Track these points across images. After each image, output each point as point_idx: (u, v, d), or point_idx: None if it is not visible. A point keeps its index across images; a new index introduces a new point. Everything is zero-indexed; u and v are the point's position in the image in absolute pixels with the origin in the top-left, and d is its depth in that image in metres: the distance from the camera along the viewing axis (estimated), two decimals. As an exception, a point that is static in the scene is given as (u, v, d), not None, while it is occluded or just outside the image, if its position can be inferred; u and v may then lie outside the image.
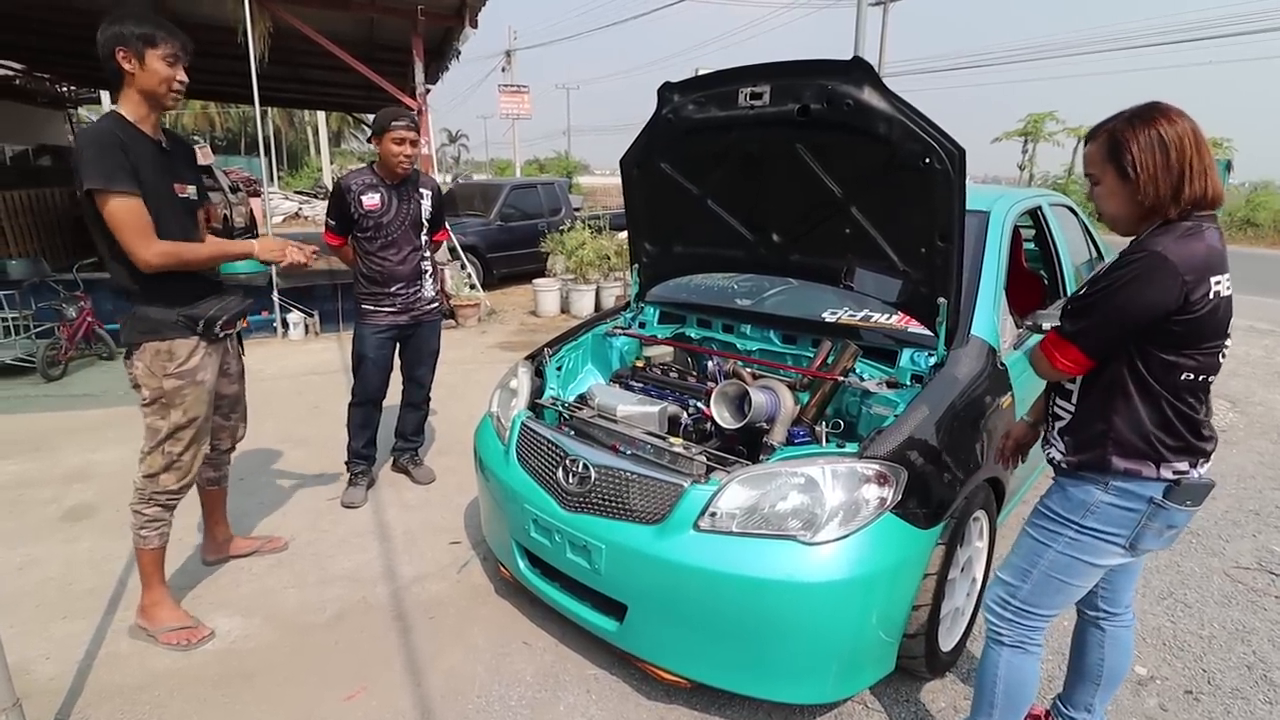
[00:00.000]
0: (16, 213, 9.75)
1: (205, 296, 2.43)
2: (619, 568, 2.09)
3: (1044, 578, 1.65)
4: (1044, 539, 1.65)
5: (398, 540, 3.18)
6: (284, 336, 7.26)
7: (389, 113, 3.30)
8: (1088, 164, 1.57)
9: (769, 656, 1.94)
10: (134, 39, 2.13)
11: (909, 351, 2.44)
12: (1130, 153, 1.44)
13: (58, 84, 14.44)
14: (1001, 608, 1.72)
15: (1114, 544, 1.57)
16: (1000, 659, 1.73)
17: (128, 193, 2.13)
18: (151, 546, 2.45)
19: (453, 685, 2.27)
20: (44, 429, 4.58)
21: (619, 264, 8.76)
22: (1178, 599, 2.76)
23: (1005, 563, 1.75)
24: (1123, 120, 1.48)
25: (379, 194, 3.33)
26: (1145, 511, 1.53)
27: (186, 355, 2.34)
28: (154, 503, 2.40)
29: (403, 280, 3.43)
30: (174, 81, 2.23)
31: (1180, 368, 1.46)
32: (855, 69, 2.09)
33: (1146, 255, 1.40)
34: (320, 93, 12.86)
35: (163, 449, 2.37)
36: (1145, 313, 1.42)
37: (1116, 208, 1.52)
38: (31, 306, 6.02)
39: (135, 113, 2.23)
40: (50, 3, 6.92)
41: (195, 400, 2.39)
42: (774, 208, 2.59)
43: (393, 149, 3.26)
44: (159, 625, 2.47)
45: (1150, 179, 1.43)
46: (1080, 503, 1.58)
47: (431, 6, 6.92)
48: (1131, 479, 1.52)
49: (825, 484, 1.94)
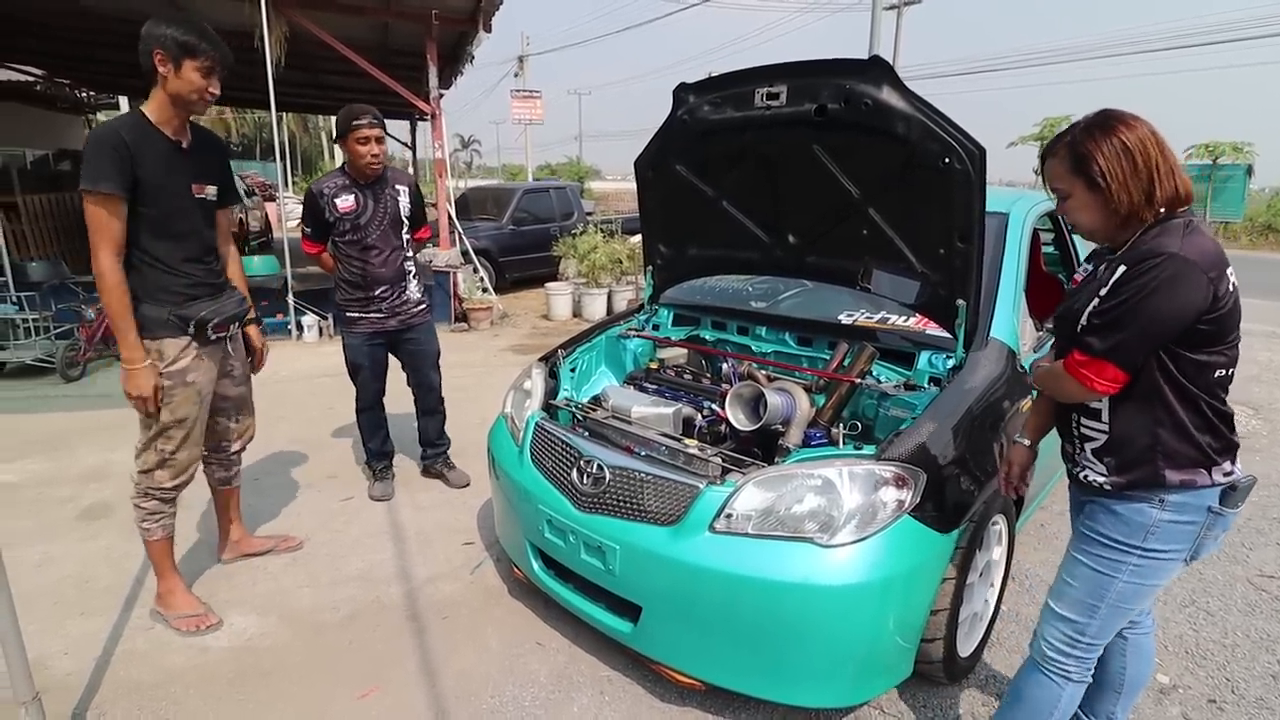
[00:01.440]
0: (37, 216, 9.89)
1: (201, 298, 2.41)
2: (633, 569, 2.07)
3: (1112, 610, 1.58)
4: (1107, 570, 1.56)
5: (411, 541, 3.18)
6: (298, 339, 7.31)
7: (349, 111, 3.15)
8: (1052, 179, 1.53)
9: (784, 660, 1.92)
10: (174, 45, 2.15)
11: (927, 354, 2.42)
12: (1097, 163, 1.42)
13: (77, 89, 14.65)
14: (1070, 647, 1.63)
15: (1176, 560, 1.53)
16: (1064, 694, 1.66)
17: (107, 195, 2.14)
18: (155, 538, 2.49)
19: (466, 685, 2.26)
20: (62, 429, 4.62)
21: (631, 268, 8.77)
22: (1200, 607, 2.72)
23: (1062, 597, 1.64)
24: (1080, 131, 1.46)
25: (353, 195, 3.23)
26: (1204, 522, 1.49)
27: (176, 355, 2.34)
28: (151, 496, 2.44)
29: (386, 283, 3.34)
30: (205, 92, 2.25)
31: (1212, 366, 1.44)
32: (874, 68, 2.08)
33: (1167, 258, 1.35)
34: (335, 98, 12.92)
35: (155, 446, 2.39)
36: (1180, 318, 1.38)
37: (1091, 219, 1.50)
38: (51, 308, 6.10)
39: (159, 114, 2.25)
40: (71, 9, 7.01)
41: (184, 400, 2.39)
42: (790, 209, 2.58)
43: (359, 149, 3.13)
44: (172, 611, 2.54)
45: (1121, 186, 1.41)
46: (1139, 526, 1.51)
47: (446, 11, 6.96)
48: (1187, 490, 1.47)
49: (842, 486, 1.92)
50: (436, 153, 7.98)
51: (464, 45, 8.19)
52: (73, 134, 16.58)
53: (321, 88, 11.27)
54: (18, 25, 7.95)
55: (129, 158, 2.15)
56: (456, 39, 7.98)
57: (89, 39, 8.27)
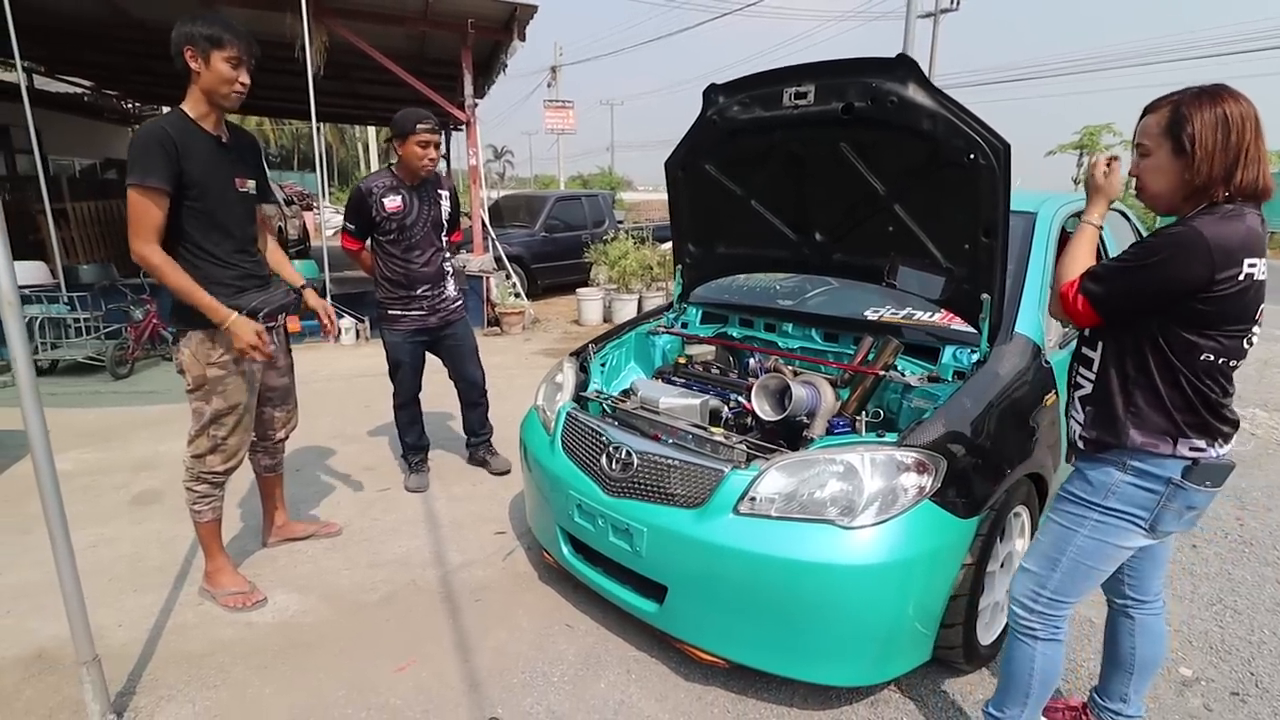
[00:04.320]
0: (86, 223, 10.28)
1: (250, 289, 2.52)
2: (660, 550, 2.15)
3: (1073, 564, 1.65)
4: (1070, 524, 1.66)
5: (445, 529, 3.29)
6: (336, 341, 7.50)
7: (413, 114, 3.24)
8: (1141, 135, 1.56)
9: (805, 638, 1.98)
10: (201, 39, 2.24)
11: (951, 348, 2.46)
12: (1192, 126, 1.44)
13: (124, 100, 15.18)
14: (1032, 601, 1.71)
15: (1136, 525, 1.58)
16: (1035, 653, 1.72)
17: (151, 189, 2.22)
18: (205, 520, 2.61)
19: (498, 661, 2.35)
20: (113, 422, 4.83)
21: (661, 274, 8.87)
22: (1226, 605, 2.70)
23: (1031, 552, 1.75)
24: (1189, 95, 1.47)
25: (400, 196, 3.33)
26: (1164, 493, 1.54)
27: (229, 345, 2.42)
28: (203, 480, 2.56)
29: (428, 282, 3.46)
30: (236, 83, 2.33)
31: (1201, 348, 1.47)
32: (900, 66, 2.13)
33: (1182, 231, 1.42)
34: (371, 108, 13.27)
35: (208, 433, 2.51)
36: (1169, 288, 1.44)
37: (1163, 184, 1.52)
38: (101, 309, 6.36)
39: (197, 110, 2.35)
40: (118, 21, 7.32)
41: (236, 389, 2.50)
42: (817, 207, 2.64)
43: (418, 151, 3.24)
44: (220, 589, 2.67)
45: (1206, 156, 1.43)
46: (1102, 485, 1.60)
47: (481, 20, 7.14)
48: (1148, 457, 1.54)
49: (864, 471, 1.98)
50: (471, 160, 8.16)
51: (498, 54, 8.38)
52: (119, 144, 17.15)
53: (358, 97, 11.56)
54: (76, 38, 8.33)
55: (175, 154, 2.25)
56: (491, 48, 8.17)
57: (141, 50, 8.61)
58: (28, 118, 6.70)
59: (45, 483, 1.84)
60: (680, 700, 2.18)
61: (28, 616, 2.58)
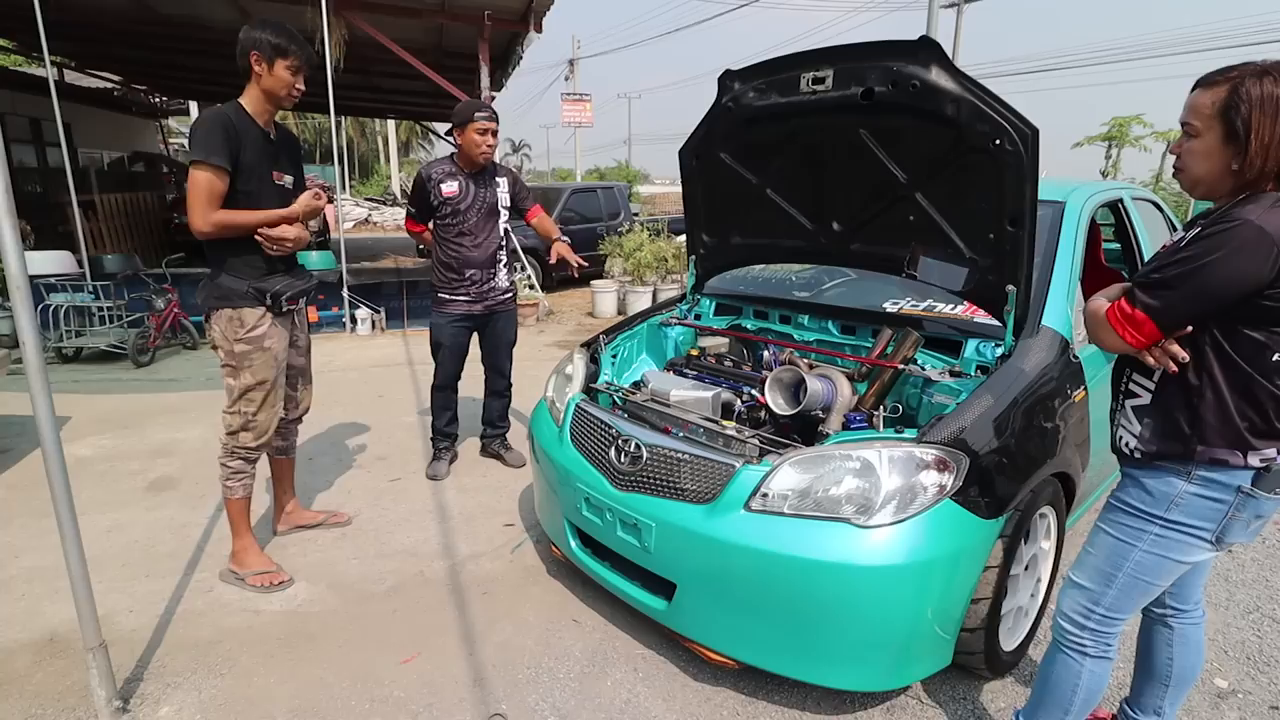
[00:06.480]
0: (112, 214, 10.45)
1: (277, 273, 2.63)
2: (668, 546, 2.09)
3: (1130, 580, 1.53)
4: (1127, 538, 1.52)
5: (455, 521, 3.26)
6: (352, 332, 7.54)
7: (472, 104, 3.46)
8: (1190, 113, 1.39)
9: (818, 640, 1.91)
10: (268, 46, 2.42)
11: (974, 342, 2.37)
12: (1251, 113, 1.29)
13: (151, 95, 15.40)
14: (1084, 618, 1.60)
15: (1201, 539, 1.46)
16: (1083, 670, 1.62)
17: (215, 167, 2.36)
18: (236, 496, 2.68)
19: (504, 656, 2.31)
20: (133, 409, 4.87)
21: (676, 266, 8.80)
22: (1265, 614, 2.59)
23: (1081, 566, 1.61)
24: (1251, 74, 1.31)
25: (457, 182, 3.47)
26: (1233, 502, 1.42)
27: (254, 323, 2.54)
28: (236, 456, 2.65)
29: (477, 266, 3.54)
30: (293, 88, 2.52)
31: (1271, 348, 1.35)
32: (922, 49, 2.05)
33: (1239, 225, 1.28)
34: (389, 100, 13.35)
35: (238, 409, 2.60)
36: (1234, 288, 1.31)
37: (1207, 169, 1.39)
38: (124, 298, 6.44)
39: (254, 107, 2.51)
40: (146, 17, 7.39)
41: (263, 364, 2.58)
42: (835, 195, 2.56)
43: (475, 139, 3.39)
44: (246, 568, 2.72)
45: (1261, 148, 1.30)
46: (1163, 496, 1.47)
47: (498, 12, 7.12)
48: (1218, 468, 1.41)
49: (881, 468, 1.91)
50: (488, 152, 8.14)
51: (515, 46, 8.37)
52: (146, 138, 17.45)
53: (377, 91, 11.63)
54: (107, 34, 8.43)
55: (236, 139, 2.40)
56: (508, 40, 8.16)
57: (169, 45, 8.70)
58: (56, 111, 6.79)
59: (53, 468, 1.87)
60: (688, 701, 2.13)
61: (42, 600, 2.60)
